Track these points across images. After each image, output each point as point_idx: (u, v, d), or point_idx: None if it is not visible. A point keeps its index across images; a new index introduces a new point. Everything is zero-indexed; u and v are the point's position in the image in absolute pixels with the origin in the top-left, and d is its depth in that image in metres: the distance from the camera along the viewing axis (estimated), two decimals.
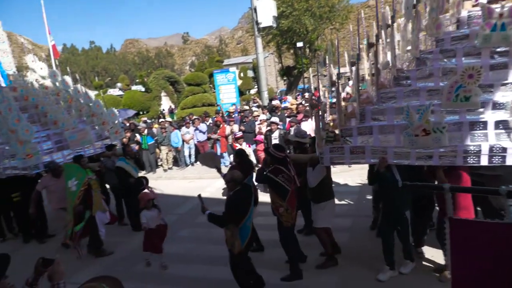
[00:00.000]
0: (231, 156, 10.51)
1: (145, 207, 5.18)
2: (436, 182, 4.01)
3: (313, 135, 9.06)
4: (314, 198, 4.80)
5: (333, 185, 5.18)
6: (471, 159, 3.69)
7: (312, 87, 33.27)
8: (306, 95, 18.29)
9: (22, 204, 6.85)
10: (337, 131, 4.57)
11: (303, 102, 13.88)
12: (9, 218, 7.66)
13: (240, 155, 6.03)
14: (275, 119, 9.86)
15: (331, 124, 5.19)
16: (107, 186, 7.65)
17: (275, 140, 8.65)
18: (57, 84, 8.55)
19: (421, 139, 3.71)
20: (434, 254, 4.63)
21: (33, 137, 6.53)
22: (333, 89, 4.89)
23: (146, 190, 5.36)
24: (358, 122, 4.36)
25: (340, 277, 4.57)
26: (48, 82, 8.58)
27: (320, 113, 4.86)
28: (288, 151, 5.52)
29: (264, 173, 4.65)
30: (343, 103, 5.11)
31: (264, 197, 7.32)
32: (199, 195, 4.30)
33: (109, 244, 6.31)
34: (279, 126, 9.55)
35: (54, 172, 6.32)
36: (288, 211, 4.50)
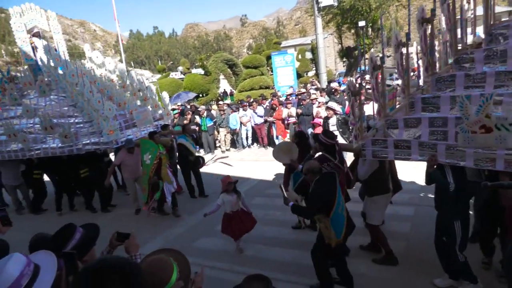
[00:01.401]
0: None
1: (225, 190, 5.03)
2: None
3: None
4: (367, 190, 4.58)
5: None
6: None
7: None
8: (367, 77, 17.50)
9: (89, 179, 7.72)
10: (379, 121, 4.09)
11: (364, 85, 13.29)
12: (72, 195, 8.41)
13: (299, 136, 5.96)
14: (332, 104, 9.25)
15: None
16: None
17: (333, 127, 8.19)
18: (111, 71, 9.29)
19: (479, 137, 2.98)
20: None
21: (113, 115, 7.21)
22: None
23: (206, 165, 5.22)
24: (406, 112, 3.85)
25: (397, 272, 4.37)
26: (103, 70, 9.28)
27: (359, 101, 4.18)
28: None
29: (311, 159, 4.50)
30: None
31: None
32: (280, 186, 3.96)
33: (174, 219, 6.91)
34: (337, 112, 9.15)
35: (129, 149, 7.01)
36: None
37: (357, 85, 4.40)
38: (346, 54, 27.35)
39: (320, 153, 4.55)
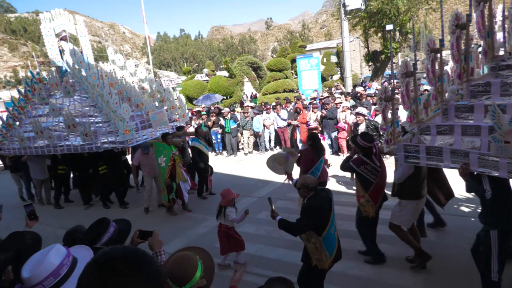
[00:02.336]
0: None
1: (227, 204, 4.87)
2: None
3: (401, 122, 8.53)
4: (397, 193, 4.51)
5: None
6: None
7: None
8: (394, 82, 17.15)
9: (107, 176, 8.33)
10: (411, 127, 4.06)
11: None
12: (90, 190, 9.00)
13: (313, 139, 6.05)
14: (361, 109, 9.09)
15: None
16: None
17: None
18: (132, 74, 9.73)
19: None
20: None
21: (129, 116, 7.57)
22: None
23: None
24: (440, 119, 3.77)
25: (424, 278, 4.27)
26: (124, 72, 9.71)
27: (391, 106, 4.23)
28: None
29: (349, 162, 4.57)
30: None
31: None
32: (269, 198, 3.76)
33: (196, 219, 7.02)
34: (366, 117, 9.02)
35: (144, 150, 7.51)
36: (368, 202, 4.44)
37: (389, 90, 4.34)
38: (372, 58, 26.88)
39: (357, 155, 4.62)
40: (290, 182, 4.66)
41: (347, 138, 9.81)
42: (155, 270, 1.16)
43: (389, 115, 4.21)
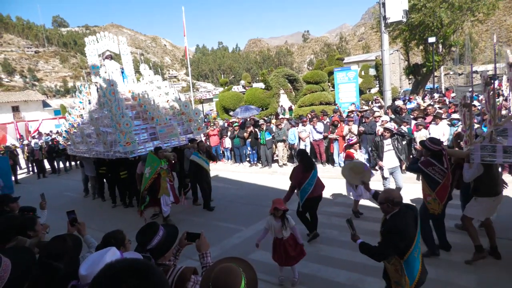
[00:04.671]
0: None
1: (272, 213, 4.75)
2: None
3: (443, 139, 8.18)
4: (474, 191, 4.88)
5: None
6: None
7: (443, 87, 29.85)
8: (436, 96, 16.53)
9: (127, 180, 9.35)
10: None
11: (432, 103, 12.61)
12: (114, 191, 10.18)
13: (301, 155, 6.32)
14: (390, 125, 8.39)
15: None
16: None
17: (387, 146, 7.34)
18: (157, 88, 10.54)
19: None
20: None
21: (132, 129, 8.36)
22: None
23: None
24: None
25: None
26: (153, 86, 10.57)
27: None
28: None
29: (417, 163, 4.98)
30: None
31: None
32: (349, 220, 3.41)
33: (231, 230, 7.00)
34: (394, 132, 8.55)
35: (143, 162, 7.98)
36: (435, 200, 4.84)
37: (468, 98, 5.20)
38: (413, 71, 26.09)
39: (423, 158, 5.01)
40: (367, 192, 4.72)
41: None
42: (163, 282, 1.19)
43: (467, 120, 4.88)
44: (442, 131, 8.78)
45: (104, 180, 10.81)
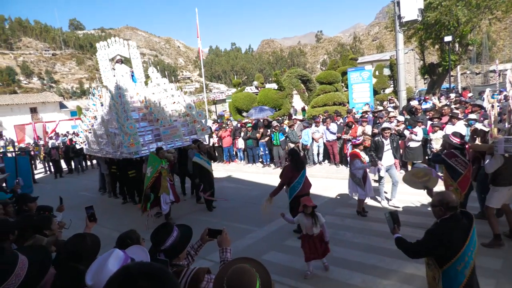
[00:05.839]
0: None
1: (302, 211, 4.92)
2: None
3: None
4: (492, 180, 5.23)
5: None
6: None
7: (460, 87, 29.22)
8: (452, 95, 16.20)
9: (135, 179, 9.59)
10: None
11: (448, 103, 12.40)
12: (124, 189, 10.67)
13: (292, 154, 6.44)
14: (387, 124, 8.39)
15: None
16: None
17: (387, 146, 7.43)
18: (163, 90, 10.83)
19: None
20: None
21: (135, 132, 8.68)
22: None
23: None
24: None
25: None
26: (160, 88, 10.85)
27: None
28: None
29: (441, 155, 5.47)
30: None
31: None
32: (391, 213, 3.32)
33: (243, 231, 6.99)
34: (392, 132, 8.33)
35: (146, 162, 8.20)
36: (457, 190, 5.21)
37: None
38: (429, 71, 25.64)
39: (446, 150, 5.52)
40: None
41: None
42: (176, 286, 1.21)
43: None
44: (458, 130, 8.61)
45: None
